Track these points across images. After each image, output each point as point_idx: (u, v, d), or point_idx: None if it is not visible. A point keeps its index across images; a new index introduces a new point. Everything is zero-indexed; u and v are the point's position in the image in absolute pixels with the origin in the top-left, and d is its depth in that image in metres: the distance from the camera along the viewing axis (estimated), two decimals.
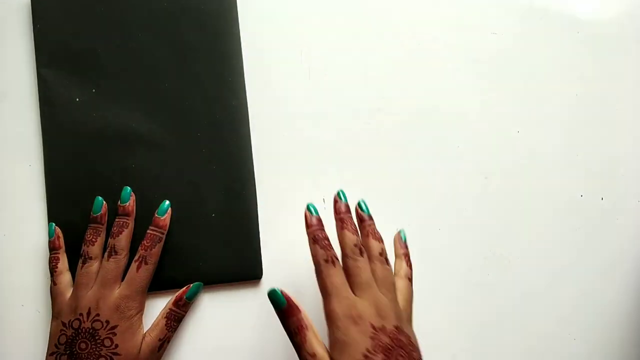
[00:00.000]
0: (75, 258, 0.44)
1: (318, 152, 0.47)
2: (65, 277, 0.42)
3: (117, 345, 0.39)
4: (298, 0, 0.48)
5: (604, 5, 0.48)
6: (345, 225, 0.39)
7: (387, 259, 0.39)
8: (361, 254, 0.38)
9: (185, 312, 0.43)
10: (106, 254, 0.41)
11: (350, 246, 0.38)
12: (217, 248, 0.44)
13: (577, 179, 0.47)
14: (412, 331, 0.37)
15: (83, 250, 0.42)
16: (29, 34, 0.46)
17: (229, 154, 0.45)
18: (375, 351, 0.33)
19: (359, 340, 0.34)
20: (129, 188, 0.43)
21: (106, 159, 0.44)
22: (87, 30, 0.45)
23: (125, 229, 0.42)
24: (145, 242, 0.42)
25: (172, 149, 0.45)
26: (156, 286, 0.44)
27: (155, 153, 0.45)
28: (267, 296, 0.38)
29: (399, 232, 0.44)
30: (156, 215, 0.43)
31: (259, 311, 0.45)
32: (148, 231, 0.42)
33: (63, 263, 0.43)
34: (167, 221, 0.43)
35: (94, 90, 0.45)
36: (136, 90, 0.45)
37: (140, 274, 0.41)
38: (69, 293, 0.41)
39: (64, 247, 0.43)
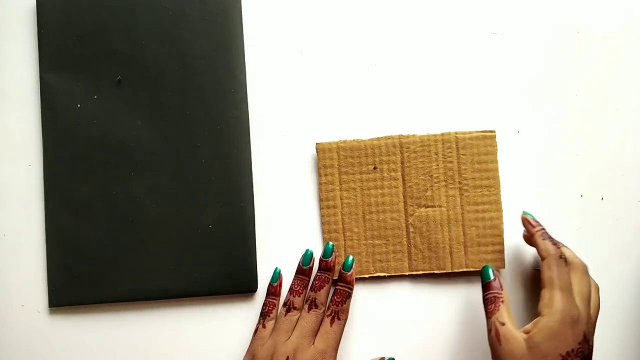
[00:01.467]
0: (76, 257, 0.44)
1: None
2: (272, 324, 0.43)
3: None
4: (301, 14, 0.47)
5: (603, 5, 0.48)
6: (544, 235, 0.42)
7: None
8: (566, 264, 0.40)
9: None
10: (307, 305, 0.42)
11: (556, 257, 0.40)
12: (213, 259, 0.45)
13: (577, 179, 0.47)
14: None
15: (288, 300, 0.43)
16: (34, 38, 0.46)
17: (228, 166, 0.45)
18: (575, 356, 0.37)
19: (569, 339, 0.37)
20: (331, 244, 0.45)
21: (106, 166, 0.45)
22: (91, 36, 0.45)
23: (326, 284, 0.43)
24: (335, 297, 0.43)
25: (172, 158, 0.45)
26: (151, 296, 0.44)
27: (154, 162, 0.45)
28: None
29: (525, 214, 0.44)
30: (342, 270, 0.44)
31: (253, 324, 0.45)
32: (337, 287, 0.43)
33: (276, 310, 0.44)
34: (354, 277, 0.44)
35: (95, 97, 0.45)
36: (138, 99, 0.45)
37: (334, 328, 0.42)
38: (268, 339, 0.42)
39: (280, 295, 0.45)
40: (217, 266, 0.45)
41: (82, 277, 0.44)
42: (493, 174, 0.45)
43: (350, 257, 0.44)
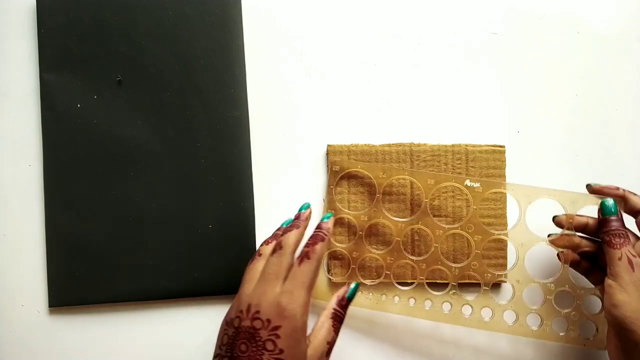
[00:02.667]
0: (76, 257, 0.44)
1: (318, 165, 0.47)
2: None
3: (281, 351, 0.34)
4: (300, 14, 0.47)
5: (603, 5, 0.48)
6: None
7: None
8: None
9: (346, 313, 0.40)
10: (271, 249, 0.40)
11: None
12: (213, 259, 0.45)
13: (577, 179, 0.47)
14: None
15: (257, 249, 0.41)
16: (34, 38, 0.46)
17: (228, 166, 0.45)
18: None
19: None
20: (308, 203, 0.44)
21: (106, 166, 0.45)
22: (92, 36, 0.45)
23: (295, 229, 0.40)
24: (309, 240, 0.40)
25: (172, 158, 0.45)
26: (151, 296, 0.44)
27: (154, 162, 0.45)
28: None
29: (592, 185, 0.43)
30: (320, 221, 0.42)
31: None
32: (313, 233, 0.41)
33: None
34: (331, 226, 0.42)
35: (95, 97, 0.45)
36: (138, 99, 0.45)
37: (302, 267, 0.37)
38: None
39: None
40: (217, 266, 0.45)
41: (82, 277, 0.44)
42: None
43: (330, 213, 0.44)
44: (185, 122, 0.45)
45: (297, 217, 0.43)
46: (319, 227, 0.42)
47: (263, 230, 0.46)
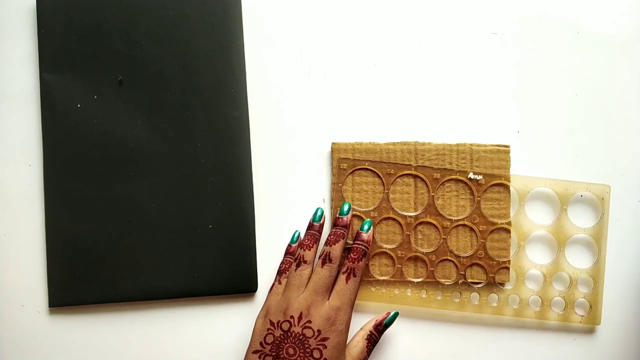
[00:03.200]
0: (76, 257, 0.44)
1: (318, 165, 0.47)
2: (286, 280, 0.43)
3: None
4: (301, 14, 0.47)
5: (603, 5, 0.48)
6: None
7: None
8: None
9: (380, 338, 0.43)
10: (320, 260, 0.42)
11: None
12: (213, 259, 0.45)
13: (577, 179, 0.47)
14: None
15: (298, 254, 0.43)
16: (34, 38, 0.46)
17: (228, 166, 0.45)
18: None
19: None
20: (348, 203, 0.44)
21: (106, 166, 0.45)
22: (92, 36, 0.45)
23: (341, 239, 0.42)
24: (352, 254, 0.42)
25: (172, 158, 0.45)
26: (151, 296, 0.44)
27: (154, 162, 0.45)
28: None
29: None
30: (359, 231, 0.43)
31: (253, 324, 0.45)
32: (354, 245, 0.43)
33: (291, 268, 0.43)
34: (371, 238, 0.44)
35: (95, 97, 0.45)
36: (138, 99, 0.45)
37: (349, 285, 0.41)
38: (281, 295, 0.42)
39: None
40: (217, 266, 0.45)
41: (82, 277, 0.44)
42: (504, 189, 0.45)
43: (369, 220, 0.44)
44: (185, 122, 0.45)
45: (342, 223, 0.43)
46: (359, 237, 0.43)
47: (263, 230, 0.46)
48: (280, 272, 0.44)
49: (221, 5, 0.46)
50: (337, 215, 0.44)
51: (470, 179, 0.45)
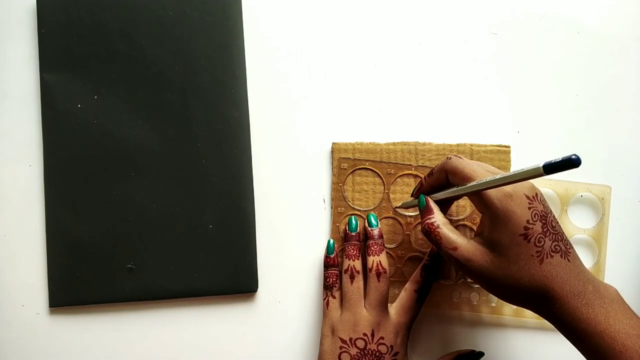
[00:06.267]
0: (76, 257, 0.44)
1: (319, 165, 0.47)
2: (340, 294, 0.43)
3: None
4: (301, 14, 0.47)
5: (603, 5, 0.48)
6: None
7: None
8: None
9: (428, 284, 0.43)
10: (373, 273, 0.42)
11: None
12: (213, 259, 0.45)
13: (578, 180, 0.47)
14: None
15: (348, 266, 0.42)
16: (34, 38, 0.46)
17: (228, 166, 0.45)
18: (534, 220, 0.35)
19: (518, 213, 0.35)
20: (373, 215, 0.44)
21: (106, 166, 0.45)
22: (92, 36, 0.45)
23: (384, 249, 0.43)
24: (374, 256, 0.43)
25: (172, 158, 0.45)
26: (151, 296, 0.44)
27: (154, 162, 0.45)
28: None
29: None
30: (368, 227, 0.44)
31: (253, 324, 0.45)
32: (369, 244, 0.43)
33: (339, 280, 0.43)
34: (381, 230, 0.44)
35: (95, 97, 0.45)
36: (138, 99, 0.45)
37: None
38: (340, 309, 0.42)
39: None
40: (217, 266, 0.45)
41: (82, 277, 0.44)
42: None
43: (372, 214, 0.44)
44: (185, 122, 0.45)
45: (373, 235, 0.43)
46: (371, 236, 0.43)
47: (263, 230, 0.46)
48: (329, 287, 0.43)
49: (221, 5, 0.46)
50: (369, 229, 0.43)
51: None
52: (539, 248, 0.35)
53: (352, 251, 0.43)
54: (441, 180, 0.39)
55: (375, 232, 0.43)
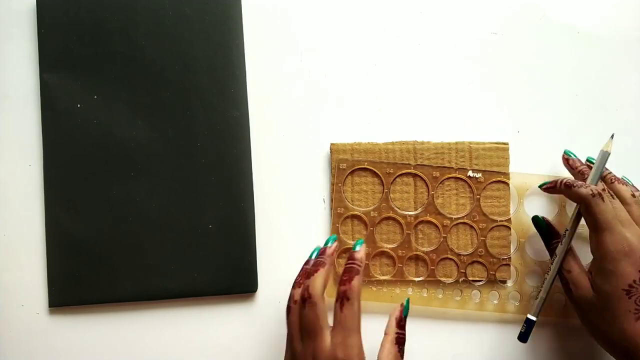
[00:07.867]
0: (76, 257, 0.44)
1: (319, 165, 0.47)
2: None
3: None
4: (301, 14, 0.47)
5: (603, 5, 0.48)
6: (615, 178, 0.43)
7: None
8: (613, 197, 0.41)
9: (406, 332, 0.40)
10: (300, 296, 0.38)
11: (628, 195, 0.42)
12: (213, 259, 0.45)
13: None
14: None
15: (290, 294, 0.39)
16: (34, 38, 0.46)
17: (228, 166, 0.45)
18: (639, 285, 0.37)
19: (628, 270, 0.37)
20: (335, 236, 0.42)
21: (106, 166, 0.45)
22: (91, 36, 0.45)
23: (321, 268, 0.39)
24: (343, 276, 0.38)
25: (172, 158, 0.45)
26: (150, 296, 0.44)
27: (154, 162, 0.45)
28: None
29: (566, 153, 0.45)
30: (352, 250, 0.40)
31: (253, 325, 0.45)
32: (346, 267, 0.39)
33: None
34: (363, 254, 0.40)
35: (95, 97, 0.45)
36: (138, 99, 0.45)
37: (345, 312, 0.37)
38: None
39: None
40: (217, 266, 0.45)
41: (82, 277, 0.44)
42: (504, 186, 0.45)
43: (360, 240, 0.41)
44: (185, 122, 0.45)
45: (323, 252, 0.40)
46: (351, 257, 0.40)
47: (263, 230, 0.46)
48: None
49: (221, 5, 0.46)
50: (352, 250, 0.41)
51: (469, 177, 0.45)
52: (638, 307, 0.37)
53: (300, 275, 0.41)
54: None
55: (355, 254, 0.40)
